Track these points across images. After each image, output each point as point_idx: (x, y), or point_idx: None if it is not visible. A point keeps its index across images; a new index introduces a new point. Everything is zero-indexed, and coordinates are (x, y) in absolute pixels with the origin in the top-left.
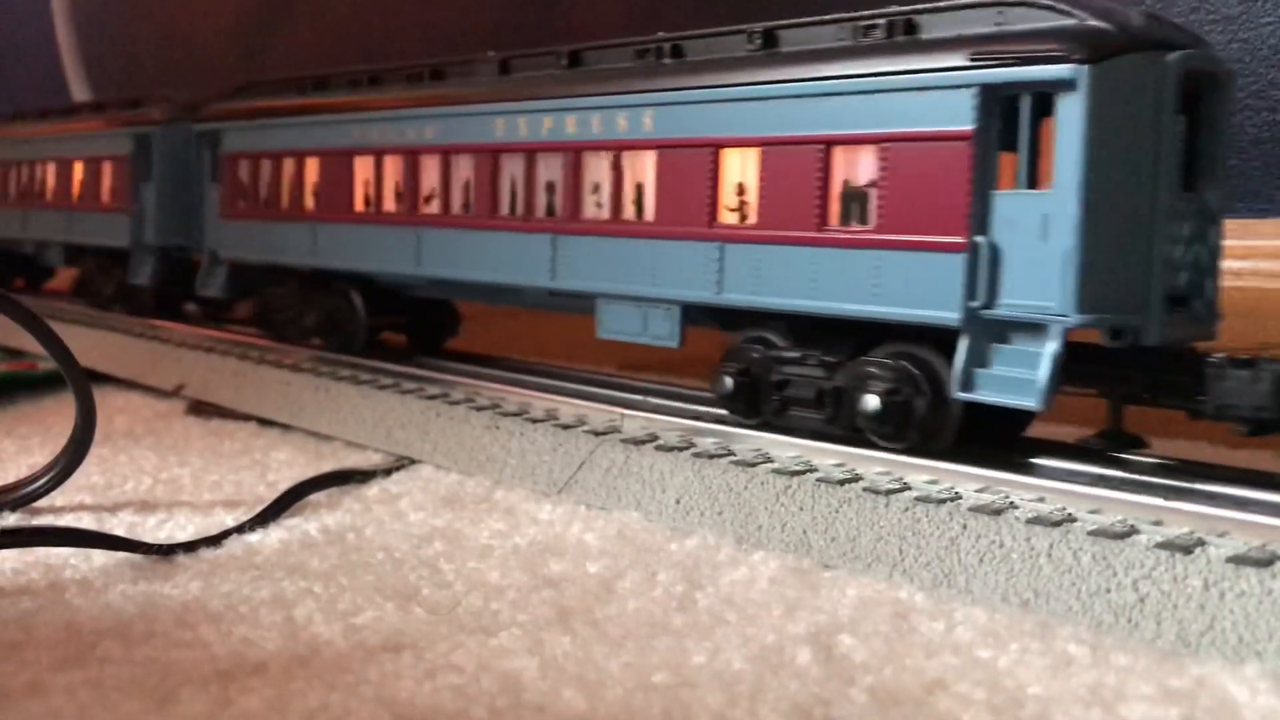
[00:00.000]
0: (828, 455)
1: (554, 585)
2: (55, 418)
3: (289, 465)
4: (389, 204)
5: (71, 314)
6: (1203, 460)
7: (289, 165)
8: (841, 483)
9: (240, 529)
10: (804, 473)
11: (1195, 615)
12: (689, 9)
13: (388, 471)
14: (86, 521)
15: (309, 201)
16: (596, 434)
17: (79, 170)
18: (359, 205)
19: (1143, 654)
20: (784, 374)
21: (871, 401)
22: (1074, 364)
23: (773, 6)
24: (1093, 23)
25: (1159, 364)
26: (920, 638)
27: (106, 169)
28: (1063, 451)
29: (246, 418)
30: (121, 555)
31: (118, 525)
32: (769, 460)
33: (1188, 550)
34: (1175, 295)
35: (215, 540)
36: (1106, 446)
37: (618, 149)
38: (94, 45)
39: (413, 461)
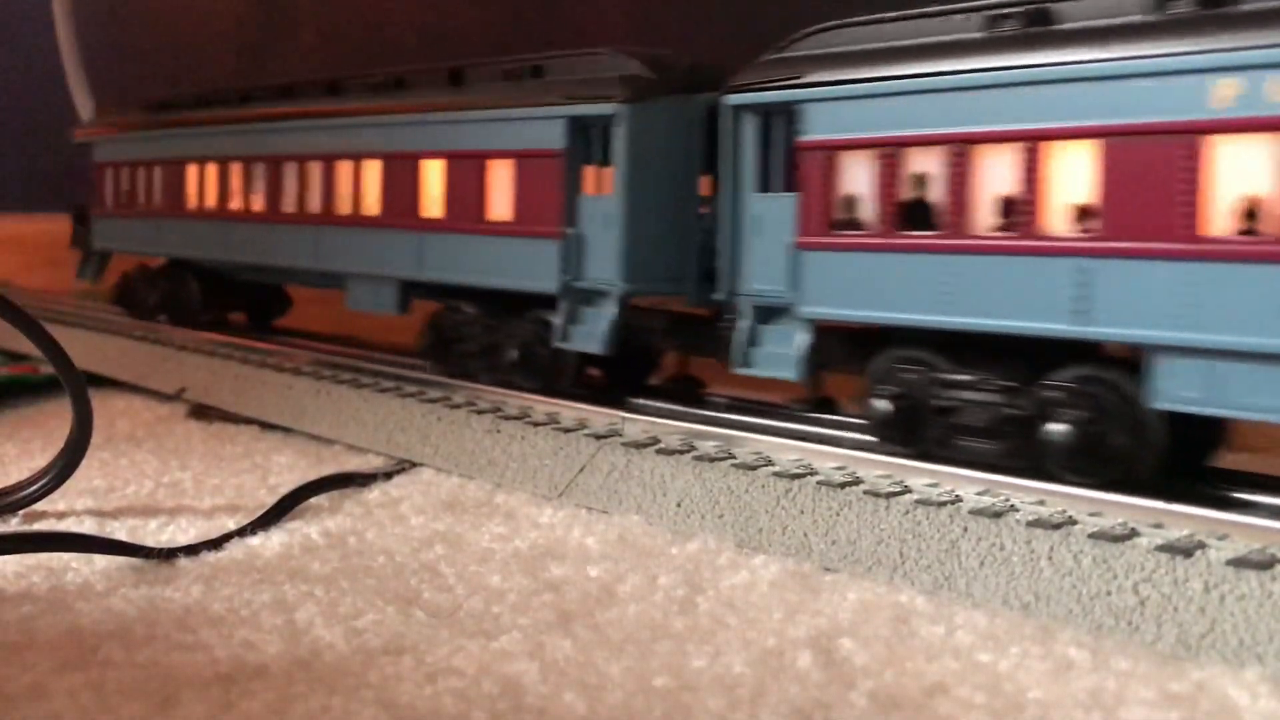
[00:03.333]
0: (828, 458)
1: (555, 589)
2: (56, 421)
3: (290, 469)
4: None
5: (72, 317)
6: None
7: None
8: (842, 486)
9: (241, 532)
10: (805, 476)
11: (1196, 618)
12: (689, 7)
13: (388, 475)
14: (88, 525)
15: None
16: (598, 437)
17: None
18: None
19: (1143, 657)
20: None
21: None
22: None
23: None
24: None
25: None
26: (921, 641)
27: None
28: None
29: (248, 421)
30: (123, 559)
31: (119, 529)
32: (770, 463)
33: (1188, 553)
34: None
35: (216, 544)
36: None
37: None
38: (96, 51)
39: (414, 465)
